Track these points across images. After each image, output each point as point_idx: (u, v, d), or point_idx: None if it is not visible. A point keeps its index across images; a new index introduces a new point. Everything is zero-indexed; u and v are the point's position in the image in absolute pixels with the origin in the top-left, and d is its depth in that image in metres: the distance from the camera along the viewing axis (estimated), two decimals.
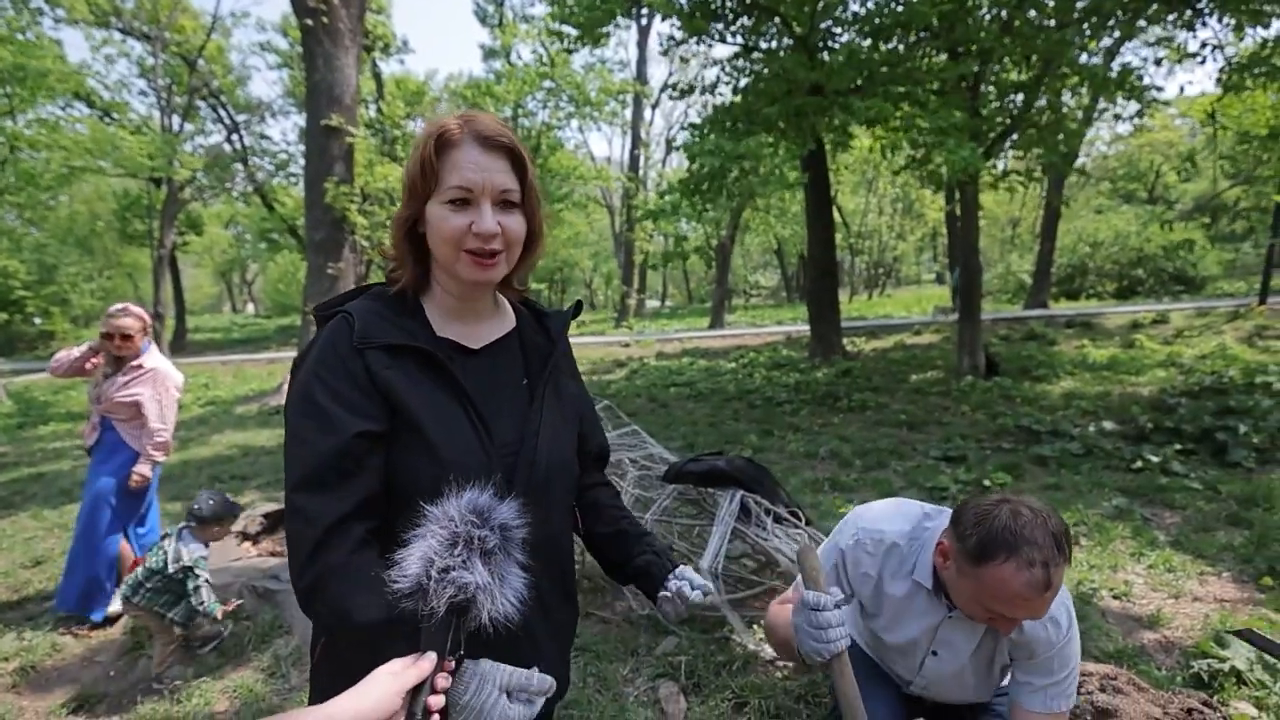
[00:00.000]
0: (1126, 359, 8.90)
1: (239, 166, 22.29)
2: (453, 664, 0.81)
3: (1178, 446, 5.32)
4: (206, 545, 3.02)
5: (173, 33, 17.33)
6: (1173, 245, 18.46)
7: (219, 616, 3.01)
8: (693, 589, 1.13)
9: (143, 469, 3.44)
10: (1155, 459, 5.07)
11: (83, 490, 3.55)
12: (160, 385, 3.43)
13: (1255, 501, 4.25)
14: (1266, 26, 7.56)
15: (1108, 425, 6.02)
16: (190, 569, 2.88)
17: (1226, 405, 5.77)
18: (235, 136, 22.01)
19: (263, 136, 23.37)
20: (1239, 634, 2.43)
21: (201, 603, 2.89)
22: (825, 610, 1.36)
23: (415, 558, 0.79)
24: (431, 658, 0.79)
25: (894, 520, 1.66)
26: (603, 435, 1.27)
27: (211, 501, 3.02)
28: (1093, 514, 4.20)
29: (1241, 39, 8.06)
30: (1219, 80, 8.08)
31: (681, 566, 1.19)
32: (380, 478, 0.94)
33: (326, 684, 0.98)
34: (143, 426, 3.40)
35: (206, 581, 2.93)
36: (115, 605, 3.46)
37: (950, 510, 1.61)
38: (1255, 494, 4.33)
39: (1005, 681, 1.74)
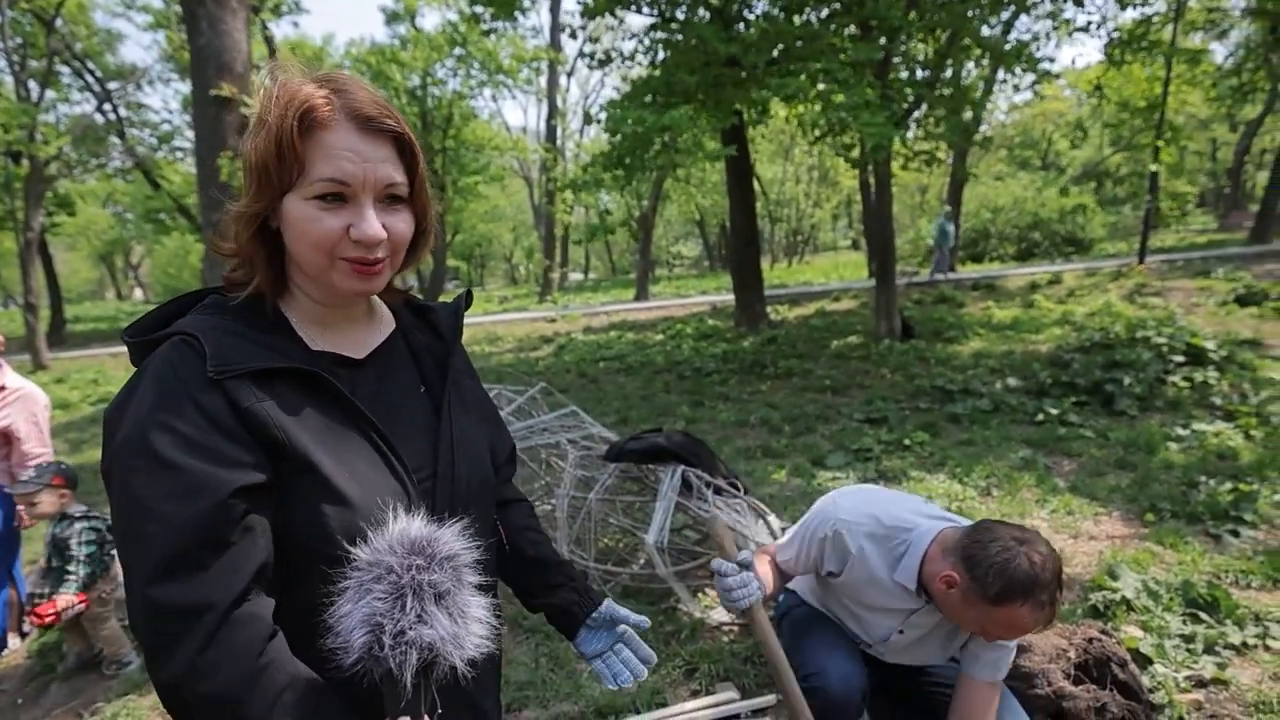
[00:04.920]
0: (1027, 319, 9.55)
1: (116, 140, 20.03)
2: None
3: (1073, 399, 5.78)
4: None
5: None
6: (1066, 209, 19.82)
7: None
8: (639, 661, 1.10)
9: None
10: (1055, 411, 5.49)
11: None
12: (34, 406, 3.09)
13: (1138, 446, 4.71)
14: (1144, 5, 8.14)
15: (1012, 382, 6.47)
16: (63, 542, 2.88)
17: (1113, 359, 6.29)
18: (107, 106, 19.78)
19: (140, 106, 21.39)
20: None
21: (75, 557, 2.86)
22: (729, 575, 1.70)
23: (357, 623, 0.67)
24: None
25: (871, 521, 1.82)
26: (508, 433, 1.12)
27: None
28: (1002, 466, 4.53)
29: (1126, 8, 8.64)
30: (1105, 53, 8.65)
31: (607, 603, 1.11)
32: (270, 543, 0.75)
33: None
34: (8, 458, 3.05)
35: (82, 540, 2.89)
36: (13, 643, 3.30)
37: (921, 510, 1.84)
38: (1138, 439, 4.79)
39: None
